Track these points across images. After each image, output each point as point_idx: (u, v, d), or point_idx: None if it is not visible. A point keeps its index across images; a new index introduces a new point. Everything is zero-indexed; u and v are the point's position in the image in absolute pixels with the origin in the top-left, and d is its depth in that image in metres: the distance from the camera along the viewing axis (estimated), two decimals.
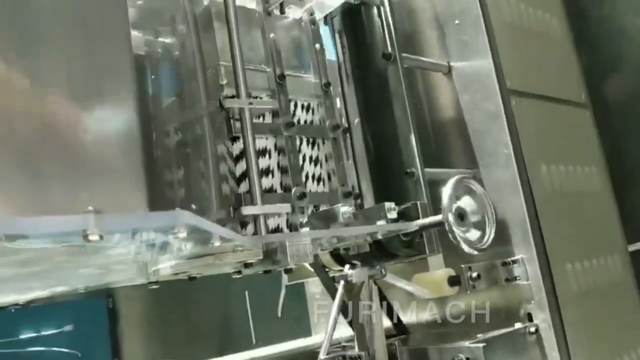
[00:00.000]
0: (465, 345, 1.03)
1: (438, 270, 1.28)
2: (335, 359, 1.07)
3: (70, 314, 2.58)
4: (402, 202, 1.08)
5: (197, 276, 0.95)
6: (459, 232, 0.99)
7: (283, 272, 1.60)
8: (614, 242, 1.54)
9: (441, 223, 1.03)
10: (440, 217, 1.03)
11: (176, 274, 0.81)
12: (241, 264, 0.83)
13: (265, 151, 1.04)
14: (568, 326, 1.22)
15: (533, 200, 1.28)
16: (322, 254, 1.26)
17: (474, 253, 1.01)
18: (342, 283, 1.19)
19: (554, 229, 1.28)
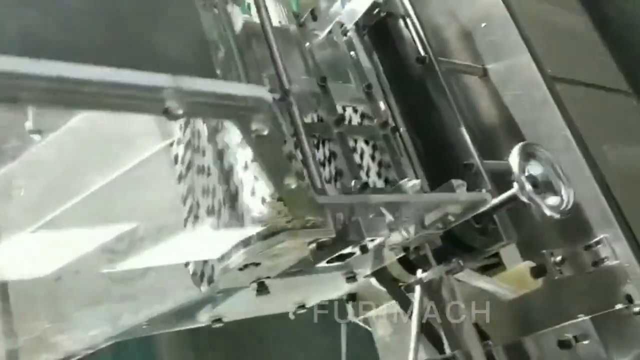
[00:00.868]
0: (570, 322, 0.93)
1: (516, 266, 1.19)
2: None
3: None
4: None
5: (265, 281, 0.89)
6: (538, 199, 0.93)
7: (347, 303, 1.52)
8: None
9: (515, 197, 0.97)
10: (513, 190, 0.97)
11: (245, 266, 0.76)
12: (313, 248, 0.77)
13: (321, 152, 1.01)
14: None
15: (603, 178, 1.22)
16: (392, 266, 1.19)
17: (556, 217, 0.93)
18: (418, 289, 1.12)
19: (631, 203, 1.20)
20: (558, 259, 1.09)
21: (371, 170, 1.06)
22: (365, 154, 1.08)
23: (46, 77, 0.57)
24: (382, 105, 1.18)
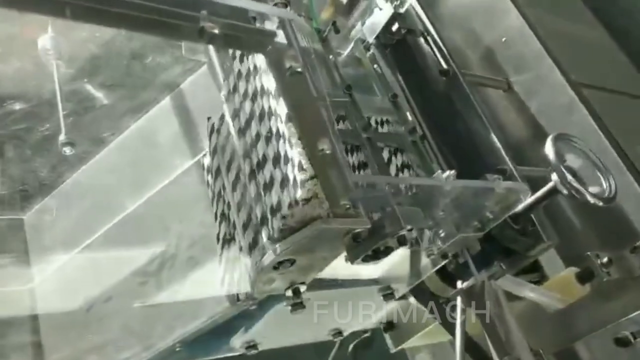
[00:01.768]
0: (626, 318, 0.87)
1: (560, 274, 1.14)
2: None
3: None
4: None
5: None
6: (581, 188, 0.89)
7: (385, 333, 1.46)
8: None
9: (555, 190, 0.93)
10: (552, 183, 0.93)
11: (279, 264, 0.74)
12: (348, 242, 0.75)
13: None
14: None
15: None
16: (430, 281, 1.15)
17: (599, 204, 0.89)
18: (459, 300, 1.07)
19: None
20: (604, 260, 1.04)
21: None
22: (396, 162, 1.06)
23: None
24: (409, 116, 1.17)
